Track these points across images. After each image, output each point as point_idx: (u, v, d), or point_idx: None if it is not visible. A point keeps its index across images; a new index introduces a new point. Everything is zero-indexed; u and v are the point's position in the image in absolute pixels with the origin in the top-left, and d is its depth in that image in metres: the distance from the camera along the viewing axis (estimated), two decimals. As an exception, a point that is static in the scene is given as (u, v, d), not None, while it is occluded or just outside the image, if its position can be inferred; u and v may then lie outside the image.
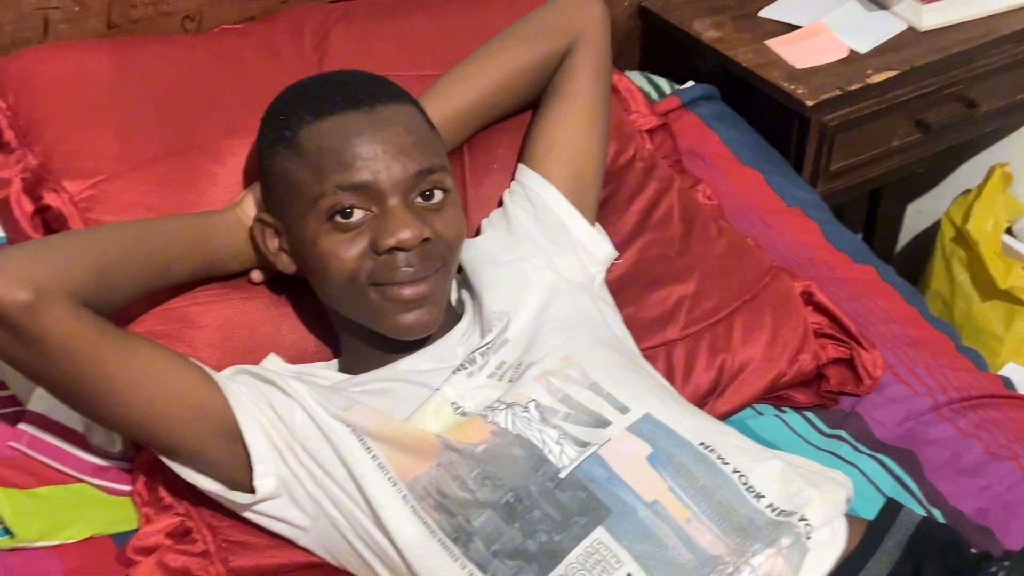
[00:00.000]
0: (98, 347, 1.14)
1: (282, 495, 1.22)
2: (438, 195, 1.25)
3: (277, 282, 1.38)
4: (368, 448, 1.18)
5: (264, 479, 1.20)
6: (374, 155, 1.21)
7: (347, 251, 1.22)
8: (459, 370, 1.26)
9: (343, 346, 1.36)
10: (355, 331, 1.31)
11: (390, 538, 1.17)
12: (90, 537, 1.30)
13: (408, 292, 1.23)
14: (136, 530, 1.29)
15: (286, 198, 1.26)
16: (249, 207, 1.33)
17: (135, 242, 1.25)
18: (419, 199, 1.24)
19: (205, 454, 1.20)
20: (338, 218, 1.22)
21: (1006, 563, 1.14)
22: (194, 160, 1.43)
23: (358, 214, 1.22)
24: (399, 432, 1.20)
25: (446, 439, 1.19)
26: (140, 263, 1.24)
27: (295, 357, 1.37)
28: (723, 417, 1.48)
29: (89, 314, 1.15)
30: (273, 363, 1.33)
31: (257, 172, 1.32)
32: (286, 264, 1.30)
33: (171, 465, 1.22)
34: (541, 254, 1.39)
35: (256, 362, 1.32)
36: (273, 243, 1.30)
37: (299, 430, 1.20)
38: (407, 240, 1.21)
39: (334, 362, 1.38)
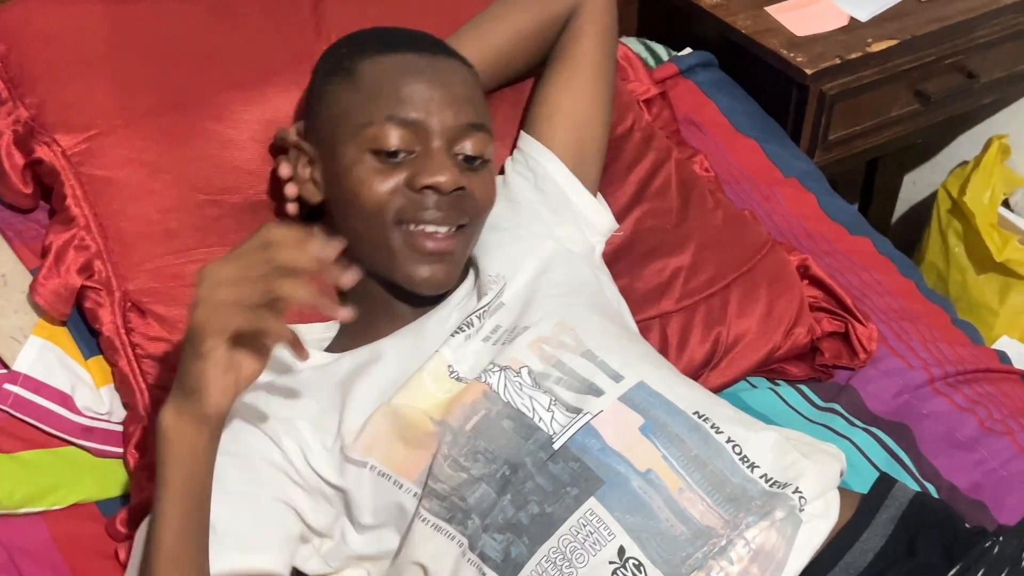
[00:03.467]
0: None
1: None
2: (478, 163, 1.26)
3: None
4: (370, 468, 1.17)
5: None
6: (430, 97, 1.23)
7: (381, 183, 1.22)
8: (457, 333, 1.25)
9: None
10: (361, 291, 1.25)
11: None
12: (75, 504, 1.29)
13: (431, 245, 1.23)
14: (124, 496, 1.27)
15: (330, 123, 1.26)
16: None
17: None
18: (463, 160, 1.24)
19: None
20: (382, 155, 1.22)
21: (1000, 538, 1.13)
22: (191, 115, 1.41)
23: (401, 154, 1.22)
24: (398, 426, 1.18)
25: (440, 420, 1.17)
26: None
27: (294, 316, 1.34)
28: (717, 390, 1.48)
29: None
30: None
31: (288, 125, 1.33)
32: (312, 193, 1.29)
33: None
34: (540, 223, 1.38)
35: None
36: (305, 172, 1.29)
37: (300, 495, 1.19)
38: (444, 183, 1.21)
39: (335, 323, 1.35)
